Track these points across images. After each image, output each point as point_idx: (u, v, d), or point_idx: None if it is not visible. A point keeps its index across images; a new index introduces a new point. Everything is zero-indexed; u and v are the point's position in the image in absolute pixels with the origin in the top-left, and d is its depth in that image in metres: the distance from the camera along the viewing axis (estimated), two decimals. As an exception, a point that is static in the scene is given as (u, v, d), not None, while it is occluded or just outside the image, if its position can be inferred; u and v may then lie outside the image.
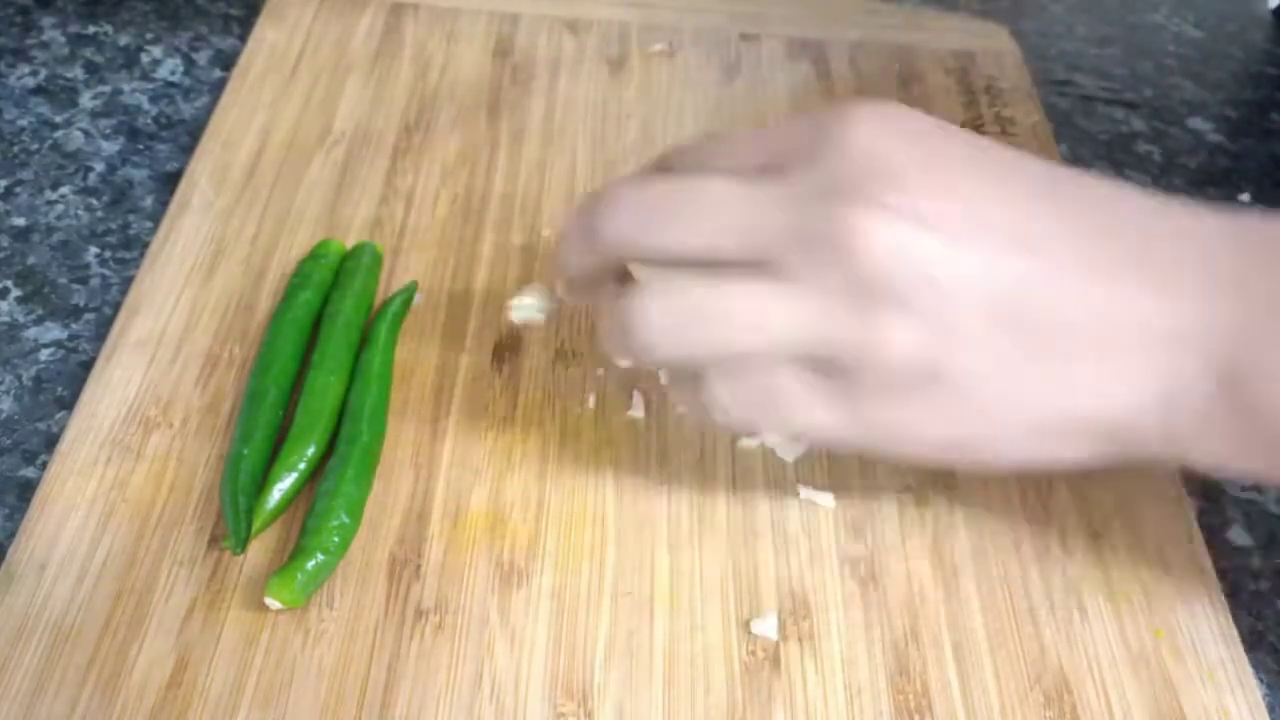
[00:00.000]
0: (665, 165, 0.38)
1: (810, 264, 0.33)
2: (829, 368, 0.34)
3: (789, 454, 0.42)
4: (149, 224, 0.50)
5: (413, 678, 0.36)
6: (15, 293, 0.47)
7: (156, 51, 0.59)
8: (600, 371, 0.45)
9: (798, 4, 0.64)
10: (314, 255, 0.47)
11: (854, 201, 0.32)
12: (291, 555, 0.37)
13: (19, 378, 0.44)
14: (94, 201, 0.51)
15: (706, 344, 0.35)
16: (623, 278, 0.37)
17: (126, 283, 0.47)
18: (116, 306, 0.46)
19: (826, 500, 0.41)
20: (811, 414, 0.35)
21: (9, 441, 0.42)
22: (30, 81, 0.56)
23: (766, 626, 0.38)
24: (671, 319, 0.35)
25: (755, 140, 0.36)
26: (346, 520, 0.38)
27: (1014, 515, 0.42)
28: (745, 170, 0.35)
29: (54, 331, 0.45)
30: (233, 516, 0.38)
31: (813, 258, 0.33)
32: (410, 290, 0.46)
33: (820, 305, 0.33)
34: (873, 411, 0.34)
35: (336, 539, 0.37)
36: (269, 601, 0.36)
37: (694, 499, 0.41)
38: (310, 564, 0.36)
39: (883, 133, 0.34)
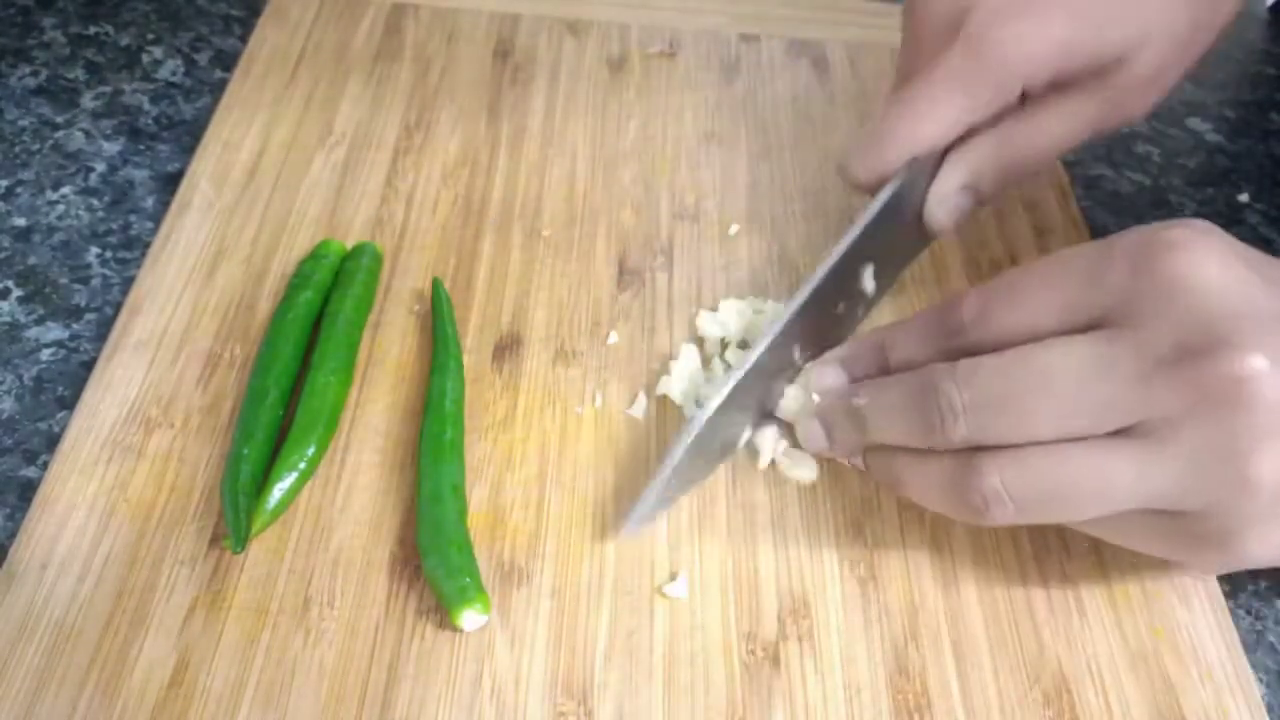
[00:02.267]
0: (950, 320, 0.37)
1: (1184, 427, 0.32)
2: (1179, 511, 0.33)
3: (806, 475, 0.42)
4: (150, 224, 0.50)
5: (413, 677, 0.36)
6: (16, 293, 0.47)
7: (157, 52, 0.59)
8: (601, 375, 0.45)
9: (798, 4, 0.64)
10: (314, 255, 0.47)
11: (1232, 353, 0.31)
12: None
13: (20, 378, 0.44)
14: (95, 202, 0.51)
15: (1058, 515, 0.35)
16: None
17: (127, 283, 0.47)
18: (117, 306, 0.46)
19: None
20: (1149, 543, 0.35)
21: (10, 441, 0.42)
22: (31, 82, 0.56)
23: (678, 588, 0.38)
24: (1024, 497, 0.34)
25: (1058, 282, 0.35)
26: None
27: (1013, 515, 0.42)
28: (1054, 324, 0.34)
29: (55, 331, 0.45)
30: (233, 516, 0.38)
31: (1189, 421, 0.32)
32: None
33: (1187, 466, 0.32)
34: (1220, 541, 0.34)
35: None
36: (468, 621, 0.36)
37: (694, 499, 0.41)
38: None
39: (1220, 269, 0.32)
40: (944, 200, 0.43)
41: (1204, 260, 0.32)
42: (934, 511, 0.41)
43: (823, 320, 0.42)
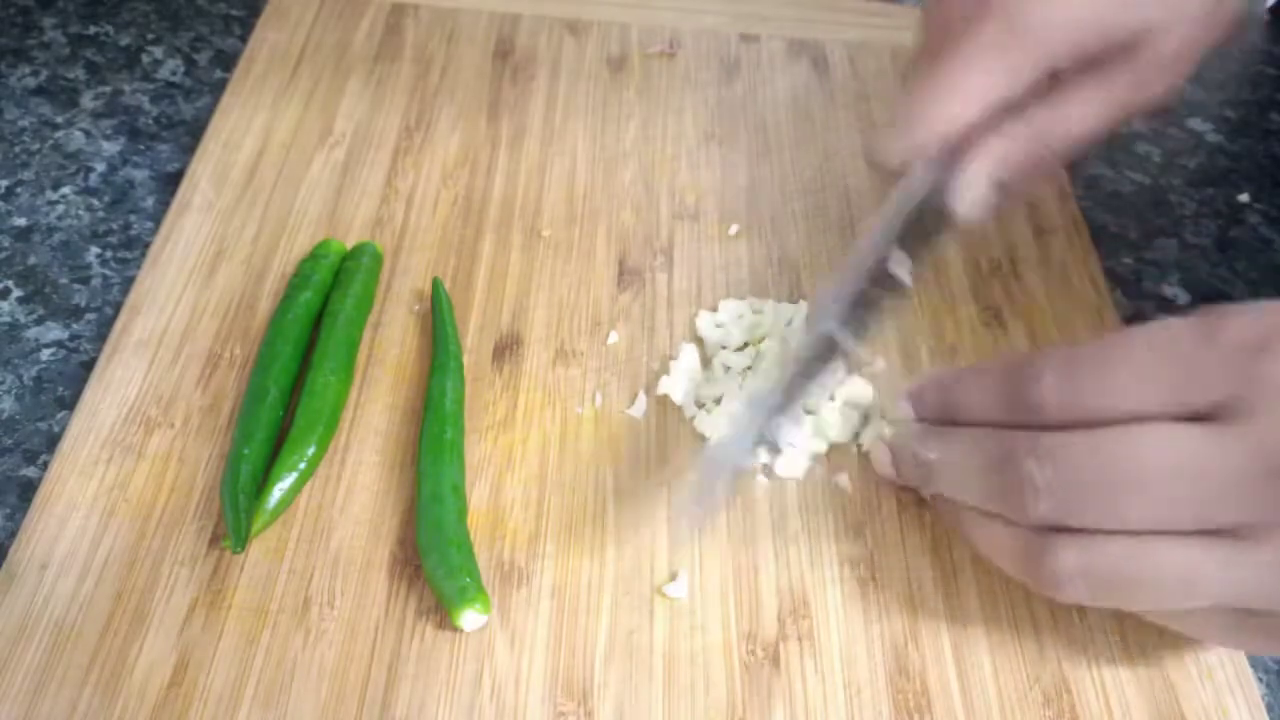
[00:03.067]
0: (1028, 396, 0.34)
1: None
2: (1259, 610, 0.33)
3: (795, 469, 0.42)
4: (150, 224, 0.50)
5: (413, 678, 0.36)
6: (16, 293, 0.47)
7: (157, 52, 0.59)
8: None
9: (798, 4, 0.64)
10: (314, 255, 0.47)
11: None
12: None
13: (20, 378, 0.44)
14: (95, 202, 0.51)
15: (1131, 605, 0.34)
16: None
17: (127, 283, 0.47)
18: (117, 306, 0.46)
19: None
20: (1221, 636, 0.35)
21: (10, 441, 0.42)
22: (31, 82, 0.56)
23: (678, 588, 0.38)
24: (1100, 584, 0.33)
25: (1157, 368, 0.32)
26: None
27: (1013, 515, 0.42)
28: (1150, 412, 0.32)
29: (55, 331, 0.45)
30: (233, 516, 0.38)
31: None
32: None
33: (1278, 572, 0.31)
34: None
35: None
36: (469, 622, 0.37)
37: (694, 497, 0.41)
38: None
39: None
40: (972, 190, 0.41)
41: None
42: (945, 523, 0.41)
43: (864, 305, 0.41)
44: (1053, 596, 0.34)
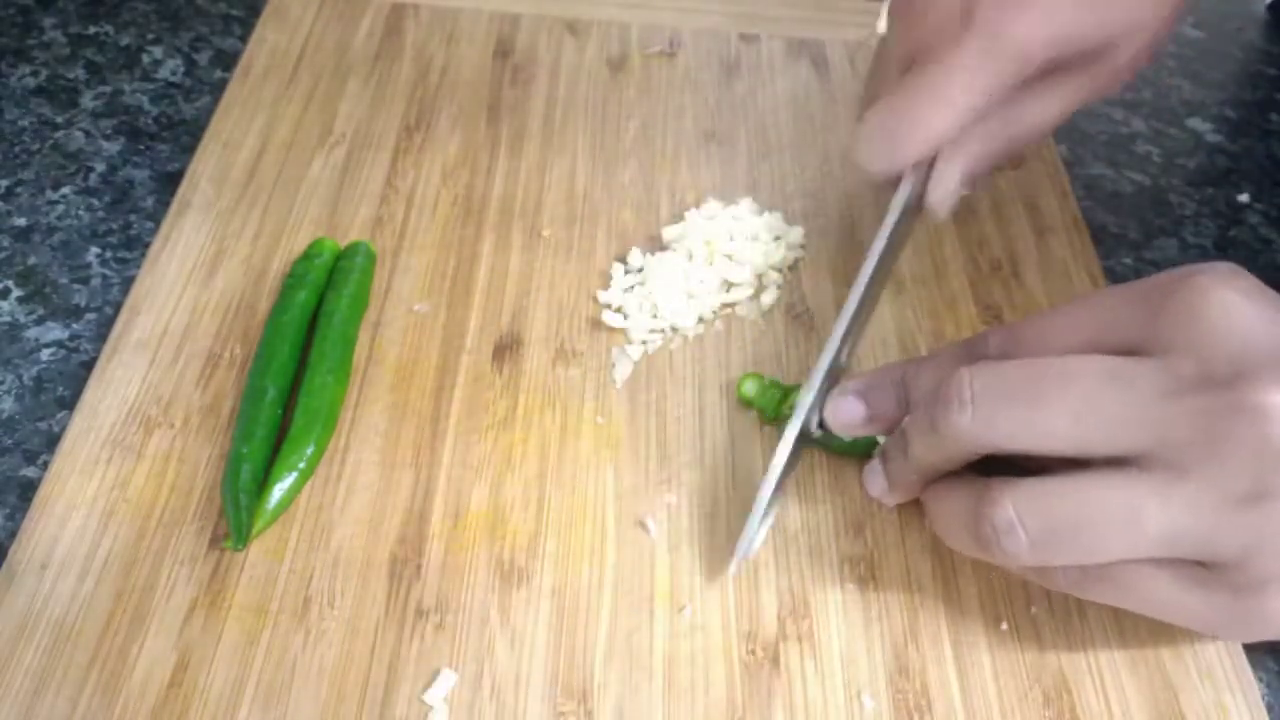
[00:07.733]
0: (974, 352, 0.37)
1: (1204, 457, 0.31)
2: (1210, 559, 0.32)
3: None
4: (150, 224, 0.50)
5: (413, 678, 0.36)
6: (16, 293, 0.47)
7: (157, 52, 0.59)
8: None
9: (798, 4, 0.64)
10: (308, 255, 0.47)
11: (1255, 387, 0.30)
12: None
13: (20, 377, 0.44)
14: (95, 201, 0.51)
15: (1076, 552, 0.33)
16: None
17: (127, 283, 0.47)
18: (117, 306, 0.46)
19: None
20: (1181, 605, 0.34)
21: (10, 441, 0.42)
22: (31, 81, 0.56)
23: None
24: (1039, 527, 0.33)
25: (1086, 316, 0.35)
26: None
27: (1013, 515, 0.42)
28: (1086, 351, 0.34)
29: (55, 331, 0.45)
30: (234, 514, 0.38)
31: (1209, 450, 0.31)
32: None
33: (1211, 499, 0.31)
34: (1250, 595, 0.32)
35: None
36: None
37: (694, 499, 0.41)
38: None
39: (1247, 308, 0.32)
40: (943, 187, 0.43)
41: (1233, 299, 0.32)
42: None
43: (863, 317, 0.42)
44: (995, 554, 0.34)
